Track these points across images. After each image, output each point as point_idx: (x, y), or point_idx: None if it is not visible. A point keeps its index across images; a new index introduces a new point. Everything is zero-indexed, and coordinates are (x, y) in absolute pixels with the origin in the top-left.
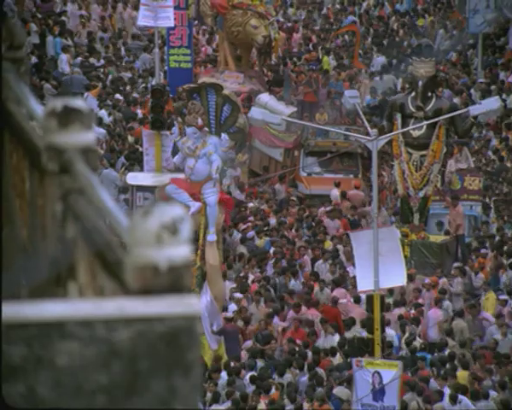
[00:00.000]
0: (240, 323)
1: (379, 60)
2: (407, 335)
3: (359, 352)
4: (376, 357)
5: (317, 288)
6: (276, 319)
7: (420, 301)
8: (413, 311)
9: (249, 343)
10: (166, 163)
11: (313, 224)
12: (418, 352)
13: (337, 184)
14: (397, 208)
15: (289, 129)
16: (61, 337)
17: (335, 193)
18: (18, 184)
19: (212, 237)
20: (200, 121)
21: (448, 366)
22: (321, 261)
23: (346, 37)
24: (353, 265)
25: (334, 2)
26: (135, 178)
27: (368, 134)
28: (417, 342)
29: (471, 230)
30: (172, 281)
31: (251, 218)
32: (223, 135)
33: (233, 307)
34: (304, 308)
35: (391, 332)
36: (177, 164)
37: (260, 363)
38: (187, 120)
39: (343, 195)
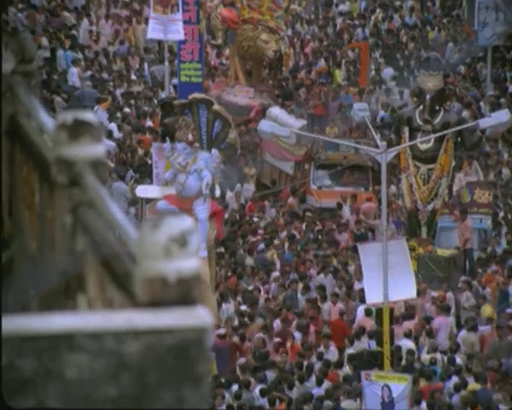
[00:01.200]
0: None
1: (387, 72)
2: (426, 348)
3: (368, 365)
4: (386, 370)
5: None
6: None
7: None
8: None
9: (243, 360)
10: (157, 179)
11: (319, 237)
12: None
13: (344, 200)
14: (396, 221)
15: (300, 142)
16: (70, 350)
17: (346, 210)
18: (28, 196)
19: (202, 252)
20: (190, 137)
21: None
22: (323, 275)
23: (356, 51)
24: (358, 279)
25: (346, 18)
26: (144, 190)
27: (377, 147)
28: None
29: (481, 243)
30: (181, 293)
31: (260, 231)
32: (213, 151)
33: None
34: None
35: (408, 344)
36: (169, 180)
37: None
38: (177, 136)
39: (354, 209)
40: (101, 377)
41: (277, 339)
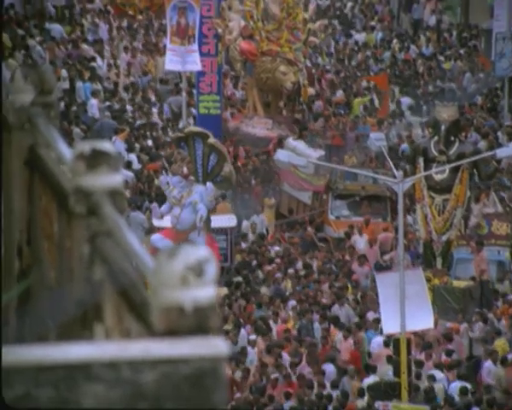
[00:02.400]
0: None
1: (404, 101)
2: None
3: (386, 396)
4: (404, 401)
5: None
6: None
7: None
8: (444, 357)
9: (239, 396)
10: (155, 216)
11: (333, 267)
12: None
13: (360, 231)
14: (412, 251)
15: (318, 172)
16: (87, 379)
17: (360, 242)
18: (46, 226)
19: None
20: (185, 170)
21: None
22: (337, 306)
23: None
24: (374, 310)
25: (365, 50)
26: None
27: (394, 177)
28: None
29: (499, 275)
30: (198, 322)
31: (277, 260)
32: (208, 184)
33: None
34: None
35: (439, 375)
36: (164, 213)
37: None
38: (172, 169)
39: (370, 240)
40: (118, 406)
41: (274, 375)
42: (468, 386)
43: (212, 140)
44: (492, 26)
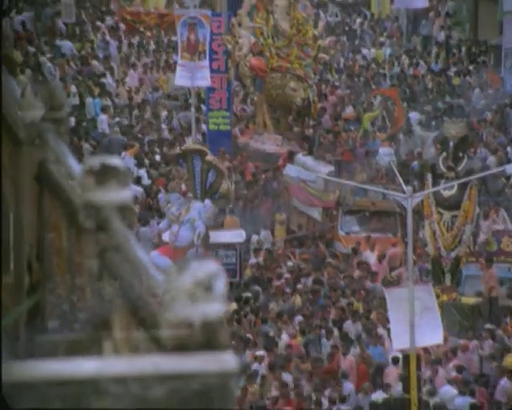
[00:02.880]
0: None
1: (413, 116)
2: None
3: None
4: None
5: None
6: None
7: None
8: (454, 373)
9: None
10: (152, 235)
11: (342, 281)
12: None
13: (372, 246)
14: (421, 266)
15: (327, 188)
16: (96, 395)
17: (372, 257)
18: (56, 241)
19: None
20: (183, 187)
21: None
22: (350, 322)
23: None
24: (383, 326)
25: (374, 66)
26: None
27: (403, 192)
28: None
29: (509, 292)
30: (207, 337)
31: (286, 275)
32: (206, 201)
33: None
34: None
35: (451, 391)
36: (163, 230)
37: None
38: (170, 187)
39: (379, 256)
40: None
41: (274, 393)
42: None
43: (210, 157)
44: (501, 42)
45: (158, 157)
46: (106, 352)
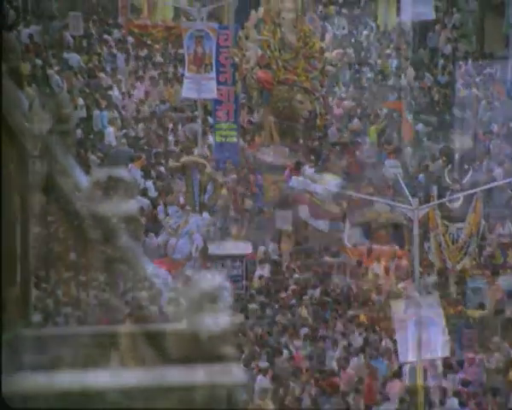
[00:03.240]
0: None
1: (419, 128)
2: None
3: None
4: None
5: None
6: None
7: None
8: (460, 386)
9: None
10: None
11: (348, 293)
12: None
13: (378, 259)
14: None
15: (334, 200)
16: (103, 406)
17: (378, 269)
18: (63, 252)
19: None
20: (181, 200)
21: None
22: (356, 333)
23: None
24: (389, 337)
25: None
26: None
27: (410, 204)
28: None
29: None
30: (212, 349)
31: (292, 287)
32: (204, 214)
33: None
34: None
35: (453, 402)
36: (161, 243)
37: None
38: (168, 200)
39: (385, 268)
40: None
41: (277, 405)
42: None
43: (208, 170)
44: (508, 55)
45: (163, 169)
46: (113, 364)
